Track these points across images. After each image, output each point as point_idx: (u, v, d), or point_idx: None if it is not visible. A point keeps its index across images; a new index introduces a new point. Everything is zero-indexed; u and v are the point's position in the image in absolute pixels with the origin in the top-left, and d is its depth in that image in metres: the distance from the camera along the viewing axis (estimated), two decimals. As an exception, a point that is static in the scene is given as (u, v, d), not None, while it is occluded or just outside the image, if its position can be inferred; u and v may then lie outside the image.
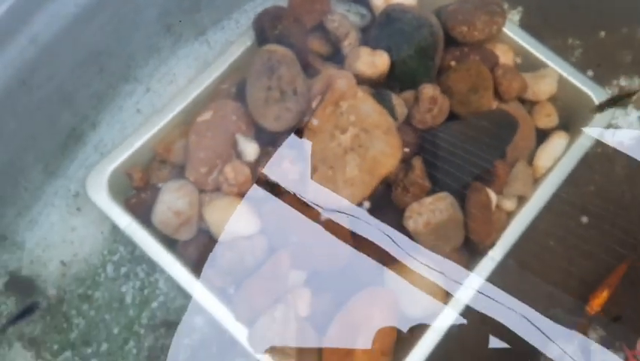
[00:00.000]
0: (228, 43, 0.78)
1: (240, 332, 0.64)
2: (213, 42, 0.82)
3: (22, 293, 0.71)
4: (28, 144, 0.68)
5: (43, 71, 0.62)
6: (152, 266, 0.73)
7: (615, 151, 0.80)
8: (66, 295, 0.71)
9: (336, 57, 0.75)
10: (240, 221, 0.66)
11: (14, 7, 0.54)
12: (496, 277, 0.68)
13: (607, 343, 0.69)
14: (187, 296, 0.71)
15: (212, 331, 0.70)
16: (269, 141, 0.68)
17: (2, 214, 0.70)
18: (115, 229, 0.74)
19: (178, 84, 0.79)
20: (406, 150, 0.69)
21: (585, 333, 0.68)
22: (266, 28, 0.71)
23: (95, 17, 0.64)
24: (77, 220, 0.74)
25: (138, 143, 0.70)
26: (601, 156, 0.81)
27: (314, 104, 0.67)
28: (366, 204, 0.66)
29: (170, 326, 0.71)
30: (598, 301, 0.70)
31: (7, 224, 0.71)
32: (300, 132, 0.67)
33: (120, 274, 0.73)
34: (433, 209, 0.65)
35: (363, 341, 0.63)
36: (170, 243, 0.67)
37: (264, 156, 0.67)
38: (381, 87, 0.71)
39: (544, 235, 0.75)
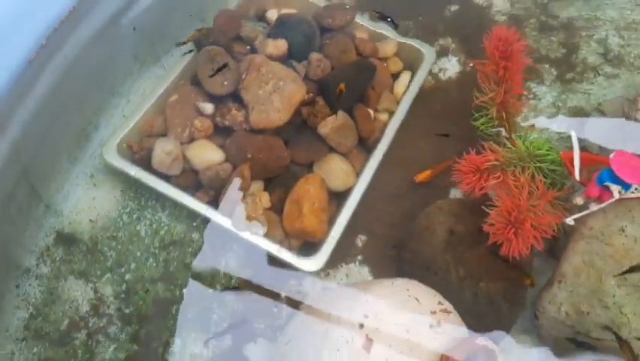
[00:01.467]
0: (177, 61, 1.11)
1: (226, 223, 0.93)
2: (166, 65, 1.15)
3: (67, 244, 0.96)
4: (57, 138, 0.97)
5: (68, 82, 0.93)
6: (155, 209, 1.01)
7: (448, 83, 1.18)
8: (98, 240, 0.97)
9: (252, 53, 1.10)
10: (211, 153, 0.97)
11: (55, 31, 0.86)
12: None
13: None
14: (183, 222, 1.00)
15: (202, 241, 0.98)
16: (219, 102, 1.01)
17: (47, 190, 0.97)
18: (123, 192, 1.02)
19: (149, 99, 1.11)
20: (310, 94, 1.03)
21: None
22: (202, 40, 1.06)
23: (98, 43, 0.96)
24: (96, 192, 1.01)
25: (131, 124, 1.00)
26: (439, 88, 1.18)
27: (243, 76, 1.01)
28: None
29: (176, 244, 0.98)
30: (423, 176, 1.02)
31: (50, 197, 0.97)
32: (237, 93, 1.00)
33: (133, 219, 1.00)
34: (334, 120, 0.99)
35: (308, 206, 0.93)
36: (166, 179, 0.96)
37: (218, 110, 1.00)
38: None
39: (412, 138, 1.09)
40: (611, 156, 0.82)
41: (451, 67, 1.20)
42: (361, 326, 0.72)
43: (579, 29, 1.21)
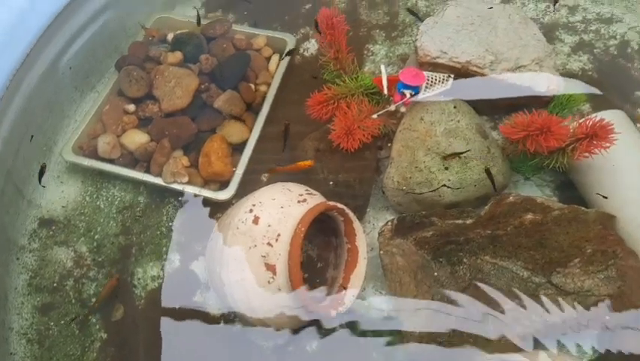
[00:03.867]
0: (105, 84, 1.43)
1: (158, 180, 1.24)
2: (99, 90, 1.46)
3: (48, 225, 1.26)
4: (29, 151, 1.27)
5: (29, 111, 1.24)
6: (108, 188, 1.31)
7: (310, 58, 1.53)
8: (71, 217, 1.27)
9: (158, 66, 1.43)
10: (139, 137, 1.29)
11: (15, 75, 1.18)
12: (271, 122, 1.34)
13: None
14: (130, 192, 1.30)
15: (147, 201, 1.28)
16: (139, 102, 1.33)
17: (27, 189, 1.26)
18: (83, 182, 1.32)
19: (90, 113, 1.42)
20: (205, 84, 1.37)
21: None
22: (120, 63, 1.39)
23: (46, 81, 1.28)
24: (63, 187, 1.31)
25: (79, 132, 1.31)
26: (305, 62, 1.52)
27: (154, 81, 1.34)
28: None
29: (127, 208, 1.28)
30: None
31: (30, 194, 1.27)
32: (151, 93, 1.33)
33: (94, 198, 1.30)
34: (223, 96, 1.32)
35: (214, 156, 1.24)
36: (111, 162, 1.27)
37: (139, 107, 1.32)
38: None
39: (290, 97, 1.42)
40: (400, 71, 1.16)
41: (311, 47, 1.55)
42: (251, 210, 1.03)
43: (397, 1, 1.58)
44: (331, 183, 1.18)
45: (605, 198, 1.07)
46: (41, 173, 1.23)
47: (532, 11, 1.52)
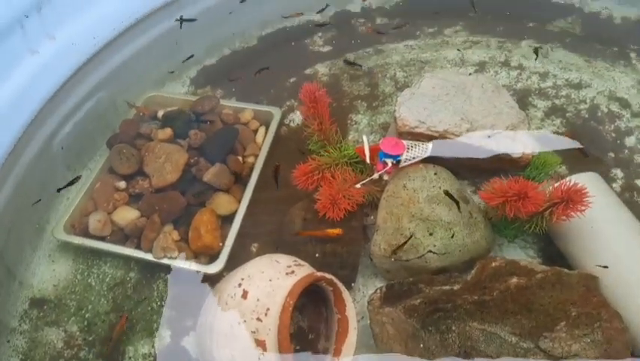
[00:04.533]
0: (97, 162, 1.45)
1: (148, 256, 1.24)
2: (91, 168, 1.49)
3: (39, 305, 1.25)
4: (21, 231, 1.28)
5: (21, 190, 1.26)
6: (99, 265, 1.31)
7: (296, 128, 1.57)
8: (62, 296, 1.26)
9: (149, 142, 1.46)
10: (130, 213, 1.30)
11: (9, 156, 1.20)
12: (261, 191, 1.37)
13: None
14: (121, 268, 1.30)
15: (137, 276, 1.28)
16: (129, 179, 1.36)
17: (18, 270, 1.26)
18: (74, 260, 1.32)
19: (81, 192, 1.44)
20: (195, 158, 1.40)
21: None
22: (112, 141, 1.43)
23: (39, 161, 1.31)
24: (54, 265, 1.31)
25: (70, 210, 1.32)
26: (291, 132, 1.56)
27: (144, 158, 1.37)
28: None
29: (118, 284, 1.27)
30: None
31: (22, 275, 1.26)
32: (141, 169, 1.36)
33: (85, 276, 1.29)
34: (212, 169, 1.35)
35: (204, 229, 1.26)
36: (102, 240, 1.28)
37: (129, 184, 1.34)
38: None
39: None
40: (381, 141, 1.20)
41: (296, 118, 1.60)
42: (240, 284, 1.03)
43: (377, 73, 1.65)
44: (319, 253, 1.19)
45: (606, 267, 1.06)
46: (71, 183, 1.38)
47: (504, 79, 1.58)
